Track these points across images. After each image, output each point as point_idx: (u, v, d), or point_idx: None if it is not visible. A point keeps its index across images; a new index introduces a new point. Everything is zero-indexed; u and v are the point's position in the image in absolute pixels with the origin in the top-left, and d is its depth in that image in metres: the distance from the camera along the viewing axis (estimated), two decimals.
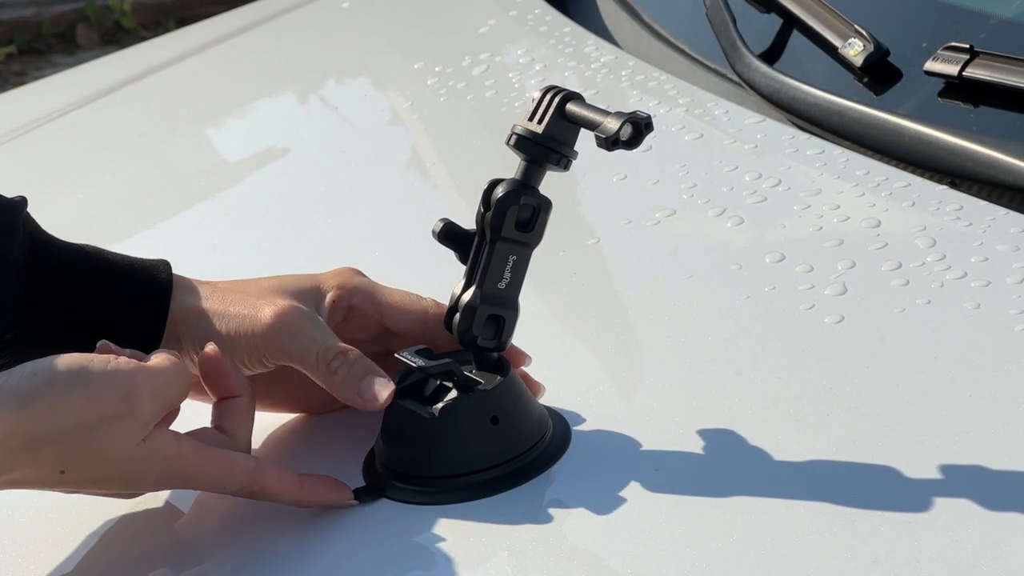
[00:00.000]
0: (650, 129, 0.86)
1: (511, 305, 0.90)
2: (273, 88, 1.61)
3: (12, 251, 0.86)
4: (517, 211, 0.89)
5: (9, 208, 0.88)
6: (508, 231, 0.89)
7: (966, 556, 0.78)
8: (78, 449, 0.80)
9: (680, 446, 0.89)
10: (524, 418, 0.90)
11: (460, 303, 0.90)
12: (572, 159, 0.90)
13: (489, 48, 1.49)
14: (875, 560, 0.78)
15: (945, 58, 1.16)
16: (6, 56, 4.95)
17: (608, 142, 0.86)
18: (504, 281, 0.90)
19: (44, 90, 1.81)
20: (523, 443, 0.89)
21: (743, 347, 0.98)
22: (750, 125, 1.23)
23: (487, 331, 0.90)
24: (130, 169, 1.44)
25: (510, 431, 0.89)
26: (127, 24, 5.09)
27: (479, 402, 0.88)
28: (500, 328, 0.90)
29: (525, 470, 0.88)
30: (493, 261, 0.89)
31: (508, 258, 0.89)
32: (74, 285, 0.89)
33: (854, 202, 1.10)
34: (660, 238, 1.12)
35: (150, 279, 0.91)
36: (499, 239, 0.89)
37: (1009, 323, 0.94)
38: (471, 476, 0.88)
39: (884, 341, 0.96)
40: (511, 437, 0.89)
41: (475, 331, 0.89)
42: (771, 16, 1.35)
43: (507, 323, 0.90)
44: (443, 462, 0.88)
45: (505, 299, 0.90)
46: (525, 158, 0.89)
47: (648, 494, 0.86)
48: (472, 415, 0.88)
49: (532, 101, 0.90)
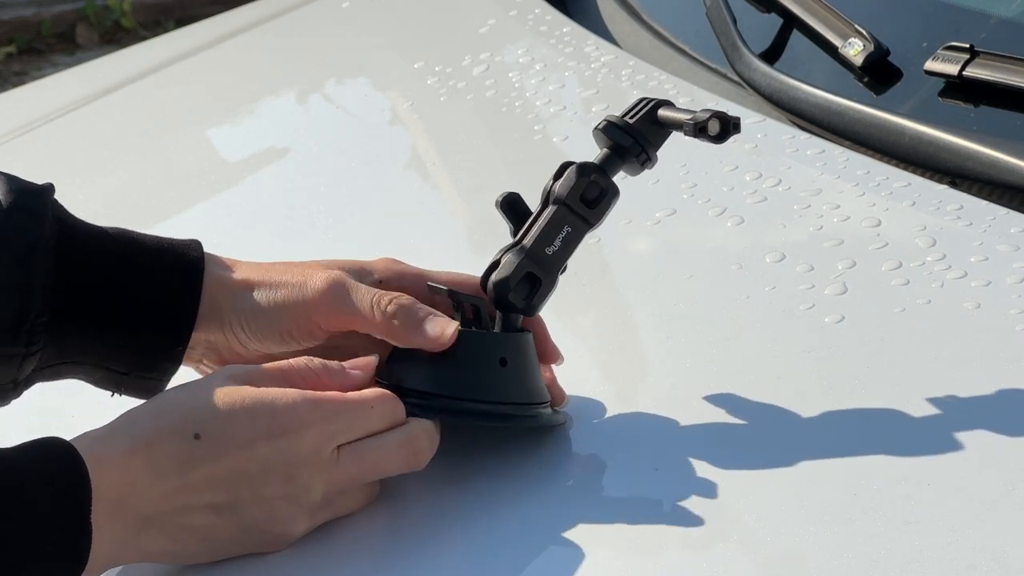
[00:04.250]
0: (738, 129, 0.89)
1: (551, 273, 0.90)
2: (273, 88, 1.61)
3: (42, 234, 0.86)
4: (586, 184, 0.90)
5: (36, 193, 0.88)
6: (572, 200, 0.90)
7: (966, 556, 0.77)
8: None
9: (680, 446, 0.89)
10: (530, 377, 0.90)
11: (504, 254, 0.90)
12: (652, 160, 0.93)
13: (489, 48, 1.49)
14: (875, 560, 0.78)
15: (945, 58, 1.16)
16: (6, 56, 4.95)
17: (695, 129, 0.89)
18: (553, 248, 0.90)
19: (44, 90, 1.81)
20: (524, 396, 0.89)
21: (743, 347, 0.98)
22: (750, 125, 1.23)
23: (520, 289, 0.90)
24: (130, 169, 1.44)
25: (515, 379, 0.88)
26: (127, 24, 5.09)
27: (494, 340, 0.89)
28: (534, 291, 0.90)
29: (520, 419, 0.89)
30: (549, 223, 0.90)
31: (563, 227, 0.90)
32: (105, 267, 0.88)
33: (854, 202, 1.10)
34: (660, 238, 1.12)
35: (181, 256, 0.90)
36: (561, 204, 0.90)
37: (1009, 323, 0.94)
38: (469, 402, 0.87)
39: (884, 341, 0.96)
40: (514, 385, 0.88)
41: (511, 284, 0.89)
42: (771, 16, 1.35)
43: (542, 288, 0.90)
44: (446, 381, 0.88)
45: (548, 264, 0.90)
46: (608, 145, 0.92)
47: (648, 494, 0.86)
48: (485, 348, 0.88)
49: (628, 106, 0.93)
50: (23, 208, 0.86)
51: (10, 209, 0.86)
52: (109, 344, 0.88)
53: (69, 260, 0.87)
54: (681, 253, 1.10)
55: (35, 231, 0.86)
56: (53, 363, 0.88)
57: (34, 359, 0.86)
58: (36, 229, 0.86)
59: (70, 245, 0.88)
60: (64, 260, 0.87)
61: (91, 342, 0.88)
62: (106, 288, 0.88)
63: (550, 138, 1.29)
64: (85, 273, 0.88)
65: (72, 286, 0.87)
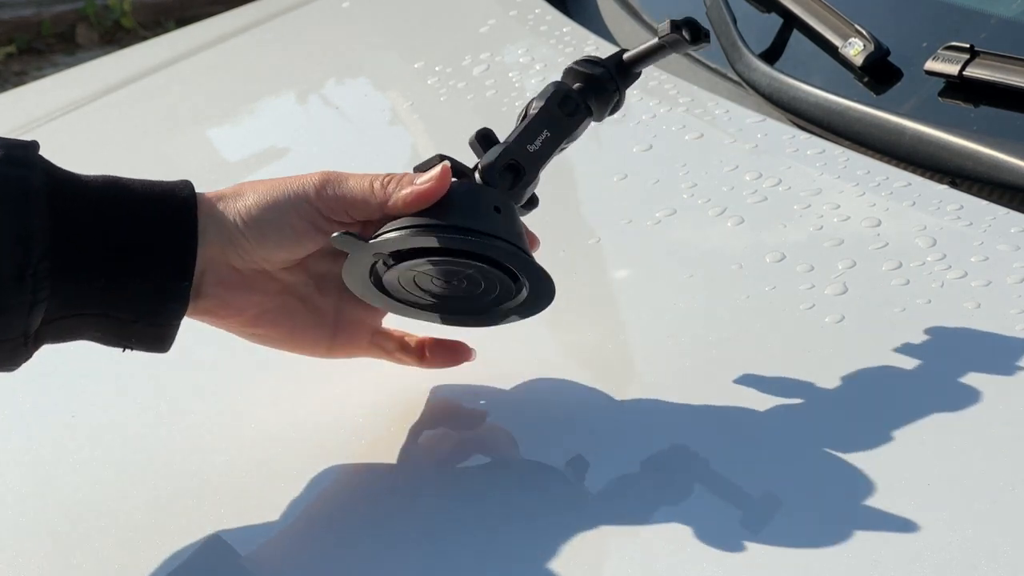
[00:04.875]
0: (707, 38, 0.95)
1: (534, 166, 0.93)
2: (273, 88, 1.61)
3: (33, 182, 0.87)
4: (564, 94, 0.94)
5: (22, 145, 0.89)
6: (553, 107, 0.94)
7: (966, 556, 0.77)
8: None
9: (680, 446, 0.89)
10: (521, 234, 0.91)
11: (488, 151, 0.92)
12: (622, 100, 0.97)
13: (489, 48, 1.49)
14: (875, 560, 0.78)
15: (945, 58, 1.16)
16: (6, 56, 4.95)
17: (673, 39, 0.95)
18: (534, 146, 0.93)
19: (44, 90, 1.81)
20: (518, 240, 0.90)
21: (743, 347, 0.98)
22: (750, 125, 1.23)
23: (504, 177, 0.92)
24: (131, 169, 1.44)
25: (509, 225, 0.90)
26: (127, 24, 5.09)
27: (489, 192, 0.91)
28: (517, 179, 0.92)
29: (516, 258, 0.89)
30: (531, 124, 0.93)
31: (543, 130, 0.93)
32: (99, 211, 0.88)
33: (854, 202, 1.10)
34: (660, 238, 1.12)
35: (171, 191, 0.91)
36: (542, 110, 0.93)
37: (1009, 323, 0.94)
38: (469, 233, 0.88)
39: (884, 341, 0.96)
40: (509, 228, 0.90)
41: (495, 170, 0.91)
42: (771, 16, 1.35)
43: (524, 180, 0.92)
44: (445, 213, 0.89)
45: (530, 158, 0.93)
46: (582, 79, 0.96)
47: (648, 494, 0.86)
48: (480, 196, 0.90)
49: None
50: (11, 160, 0.87)
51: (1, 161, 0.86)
52: (112, 288, 0.88)
53: (62, 208, 0.87)
54: (681, 253, 1.11)
55: (26, 180, 0.87)
56: (60, 315, 0.88)
57: (41, 307, 0.86)
58: (27, 178, 0.87)
59: (61, 193, 0.88)
60: (57, 208, 0.87)
61: (94, 288, 0.88)
62: (101, 232, 0.88)
63: None
64: (80, 219, 0.88)
65: (68, 233, 0.87)
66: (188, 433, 0.99)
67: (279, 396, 1.01)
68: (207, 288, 0.91)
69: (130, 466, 0.97)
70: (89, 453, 0.99)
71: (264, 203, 0.90)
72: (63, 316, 0.88)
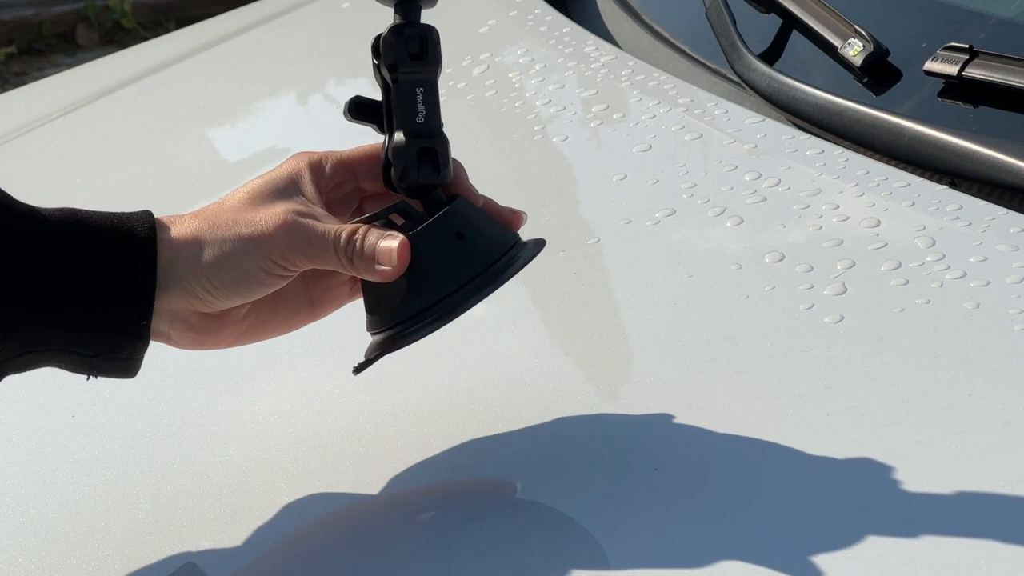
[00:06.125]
0: None
1: (437, 135, 0.90)
2: (273, 88, 1.61)
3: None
4: (406, 44, 0.89)
5: None
6: (404, 66, 0.89)
7: (966, 556, 0.78)
8: None
9: (680, 446, 0.89)
10: (489, 229, 0.89)
11: (389, 152, 0.90)
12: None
13: (489, 48, 1.49)
14: (875, 560, 0.78)
15: (945, 58, 1.16)
16: (6, 56, 4.95)
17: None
18: (421, 115, 0.90)
19: (44, 90, 1.81)
20: (495, 250, 0.88)
21: (743, 347, 0.98)
22: (750, 125, 1.23)
23: (424, 168, 0.89)
24: (131, 169, 1.44)
25: (478, 241, 0.88)
26: (127, 24, 5.09)
27: (439, 224, 0.88)
28: (435, 161, 0.89)
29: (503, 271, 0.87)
30: (403, 98, 0.89)
31: (416, 92, 0.90)
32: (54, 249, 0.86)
33: (854, 202, 1.10)
34: (660, 238, 1.12)
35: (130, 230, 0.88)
36: (400, 75, 0.89)
37: (1009, 323, 0.94)
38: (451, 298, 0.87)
39: (884, 341, 0.96)
40: (481, 247, 0.88)
41: (411, 171, 0.89)
42: (771, 16, 1.35)
43: (439, 153, 0.89)
44: (422, 294, 0.87)
45: (429, 130, 0.90)
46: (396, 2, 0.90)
47: (648, 494, 0.86)
48: (436, 238, 0.87)
49: None
50: None
51: None
52: (70, 328, 0.86)
53: (15, 246, 0.85)
54: (681, 253, 1.11)
55: None
56: (19, 353, 0.87)
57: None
58: None
59: (14, 231, 0.86)
60: (10, 247, 0.85)
61: (51, 328, 0.86)
62: (57, 271, 0.86)
63: (550, 138, 1.29)
64: (34, 258, 0.86)
65: (20, 275, 0.85)
66: (188, 433, 0.99)
67: (279, 396, 1.01)
68: (174, 334, 0.91)
69: (130, 466, 0.97)
70: (89, 453, 0.99)
71: (223, 255, 0.88)
72: (22, 353, 0.86)
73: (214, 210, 0.90)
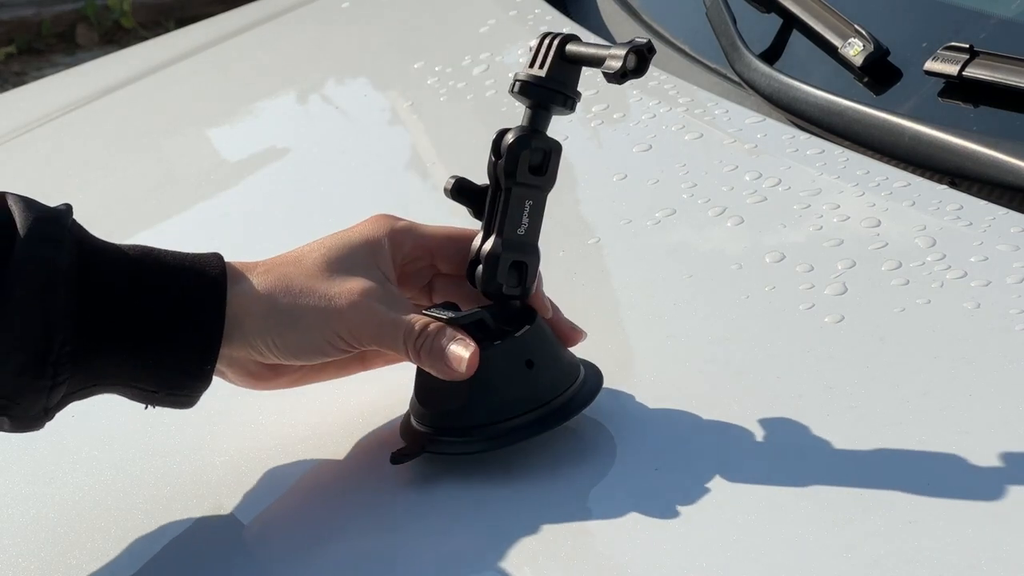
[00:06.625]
0: (653, 53, 0.87)
1: (532, 250, 0.91)
2: (273, 88, 1.61)
3: (61, 261, 0.85)
4: (529, 156, 0.90)
5: (53, 219, 0.87)
6: (522, 176, 0.90)
7: (966, 556, 0.77)
8: None
9: (680, 446, 0.89)
10: (558, 360, 0.90)
11: (482, 254, 0.91)
12: (577, 100, 0.91)
13: (489, 48, 1.49)
14: (875, 560, 0.78)
15: (945, 58, 1.16)
16: (6, 56, 4.95)
17: (617, 76, 0.86)
18: (523, 227, 0.91)
19: (44, 90, 1.81)
20: (559, 385, 0.89)
21: (743, 347, 0.98)
22: (750, 125, 1.23)
23: (511, 279, 0.91)
24: (130, 169, 1.44)
25: (546, 373, 0.89)
26: (127, 24, 5.09)
27: (512, 347, 0.89)
28: (523, 275, 0.91)
29: (563, 411, 0.89)
30: (511, 208, 0.90)
31: (524, 203, 0.91)
32: (127, 289, 0.87)
33: (854, 202, 1.10)
34: (660, 238, 1.12)
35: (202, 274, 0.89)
36: (514, 185, 0.90)
37: (1009, 323, 0.94)
38: (509, 422, 0.88)
39: (884, 341, 0.96)
40: (547, 380, 0.89)
41: (500, 279, 0.90)
42: (771, 16, 1.35)
43: (530, 268, 0.91)
44: (481, 410, 0.88)
45: (525, 245, 0.91)
46: (530, 104, 0.91)
47: (648, 494, 0.86)
48: (507, 361, 0.89)
49: (530, 50, 0.91)
50: (42, 237, 0.85)
51: (29, 238, 0.85)
52: (136, 367, 0.88)
53: (90, 285, 0.86)
54: (681, 253, 1.10)
55: (55, 260, 0.85)
56: (83, 387, 0.88)
57: (62, 388, 0.86)
58: (56, 258, 0.85)
59: (90, 270, 0.87)
60: (85, 286, 0.86)
61: (118, 366, 0.87)
62: (128, 312, 0.87)
63: None
64: (107, 297, 0.87)
65: (94, 312, 0.86)
66: (188, 433, 0.99)
67: (279, 396, 1.01)
68: (231, 374, 0.93)
69: (130, 466, 0.98)
70: (89, 453, 0.99)
71: (292, 321, 0.89)
72: (84, 387, 0.88)
73: (289, 270, 0.91)
